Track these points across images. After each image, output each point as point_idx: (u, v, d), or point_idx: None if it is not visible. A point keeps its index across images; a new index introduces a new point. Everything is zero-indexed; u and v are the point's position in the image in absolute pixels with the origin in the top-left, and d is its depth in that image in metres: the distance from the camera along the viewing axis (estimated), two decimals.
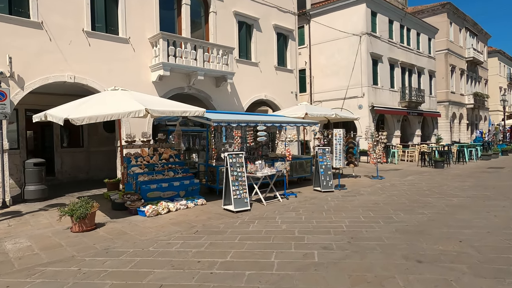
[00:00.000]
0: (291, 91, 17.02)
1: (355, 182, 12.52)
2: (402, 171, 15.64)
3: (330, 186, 10.48)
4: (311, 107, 12.39)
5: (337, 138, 10.79)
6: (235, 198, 7.89)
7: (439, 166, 16.69)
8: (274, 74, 16.17)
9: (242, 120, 8.92)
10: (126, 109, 7.12)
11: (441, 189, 10.32)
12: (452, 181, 11.96)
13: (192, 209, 8.41)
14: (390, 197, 9.24)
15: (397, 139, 24.20)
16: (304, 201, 9.07)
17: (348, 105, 22.40)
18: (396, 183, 12.00)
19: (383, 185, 11.48)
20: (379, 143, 13.34)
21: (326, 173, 10.54)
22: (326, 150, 10.71)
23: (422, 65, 27.17)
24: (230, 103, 14.18)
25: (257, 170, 8.79)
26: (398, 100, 24.45)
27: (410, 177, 13.59)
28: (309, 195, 9.94)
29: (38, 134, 14.94)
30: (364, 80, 21.62)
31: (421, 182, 11.89)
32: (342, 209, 7.92)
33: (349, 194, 9.93)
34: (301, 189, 11.01)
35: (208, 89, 13.36)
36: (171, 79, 12.10)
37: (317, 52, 23.80)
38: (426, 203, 8.29)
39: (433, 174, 14.22)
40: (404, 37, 25.40)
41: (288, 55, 17.06)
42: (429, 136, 29.22)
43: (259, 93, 15.46)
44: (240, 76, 14.53)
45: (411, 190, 10.27)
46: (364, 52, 21.58)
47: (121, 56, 11.09)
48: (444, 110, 31.42)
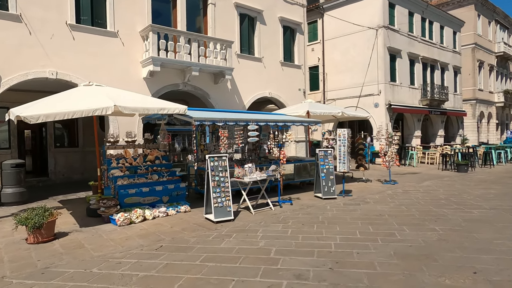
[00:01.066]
0: (299, 88, 15.95)
1: (364, 187, 11.34)
2: (420, 175, 14.25)
3: (332, 192, 9.39)
4: (314, 105, 11.31)
5: (341, 138, 9.67)
6: (216, 207, 6.98)
7: (462, 170, 15.15)
8: (279, 70, 15.16)
9: (230, 119, 8.01)
10: (91, 106, 6.37)
11: (461, 198, 9.01)
12: (474, 188, 10.57)
13: (172, 217, 7.57)
14: (399, 207, 8.05)
15: (417, 140, 22.58)
16: (299, 210, 8.05)
17: (363, 103, 21.04)
18: (409, 189, 10.73)
19: (394, 192, 10.26)
20: (392, 144, 12.07)
21: (328, 178, 9.45)
22: (328, 152, 9.62)
23: (446, 60, 25.32)
24: (230, 101, 13.30)
25: (245, 175, 7.84)
26: (419, 98, 22.81)
27: (427, 182, 12.24)
28: (307, 202, 8.90)
29: (36, 134, 14.62)
30: (380, 77, 20.21)
31: (439, 189, 10.57)
32: (339, 221, 6.85)
33: (353, 202, 8.81)
34: (302, 195, 9.98)
35: (205, 86, 12.53)
36: (164, 75, 11.36)
37: (331, 48, 22.55)
38: (439, 216, 7.08)
39: (454, 179, 12.78)
40: (426, 30, 23.69)
41: (295, 50, 15.99)
42: (453, 136, 27.28)
43: (262, 91, 14.50)
44: (241, 72, 13.63)
45: (425, 199, 9.02)
46: (381, 46, 20.16)
47: (109, 50, 10.43)
48: (471, 108, 29.30)
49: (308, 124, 9.81)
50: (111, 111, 6.51)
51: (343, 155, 9.69)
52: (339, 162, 9.77)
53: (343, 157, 9.68)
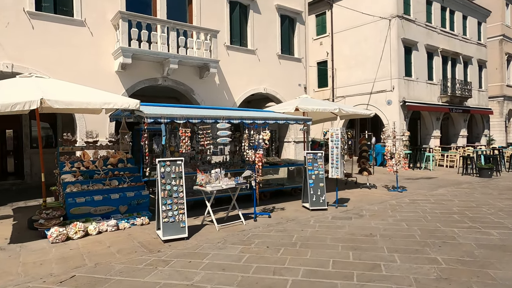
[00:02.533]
0: (299, 84, 14.50)
1: (365, 195, 9.81)
2: (435, 181, 12.51)
3: (321, 202, 7.95)
4: (307, 100, 9.89)
5: (333, 139, 8.22)
6: (166, 222, 5.73)
7: (485, 175, 13.27)
8: (276, 63, 13.78)
9: (193, 115, 6.74)
10: (10, 100, 5.26)
11: (478, 212, 7.37)
12: (498, 199, 8.85)
13: (122, 232, 6.39)
14: (398, 224, 6.54)
15: (436, 141, 20.62)
16: (276, 225, 6.68)
17: (375, 100, 19.33)
18: (418, 198, 9.13)
19: (398, 202, 8.70)
20: (400, 145, 10.47)
21: (317, 185, 8.02)
22: (317, 155, 8.19)
23: (469, 53, 23.13)
24: (218, 97, 12.05)
25: (209, 182, 6.56)
26: (438, 94, 20.83)
27: (441, 190, 10.55)
28: (290, 214, 7.51)
29: (18, 133, 13.87)
30: (394, 71, 18.44)
31: (453, 199, 8.91)
32: (315, 243, 5.45)
33: (344, 215, 7.35)
34: (289, 204, 8.59)
35: (189, 81, 11.33)
36: (139, 68, 10.24)
37: (341, 41, 20.93)
38: (446, 239, 5.54)
39: (474, 186, 11.02)
40: (447, 20, 21.65)
41: (295, 42, 14.56)
42: (478, 137, 24.99)
43: (256, 86, 13.16)
44: (231, 65, 12.36)
45: (434, 212, 7.44)
46: (394, 38, 18.39)
47: (75, 41, 9.40)
48: (498, 106, 26.85)
49: (295, 122, 8.42)
50: (36, 105, 5.38)
51: (335, 158, 8.22)
52: (331, 167, 8.32)
53: (336, 161, 8.21)
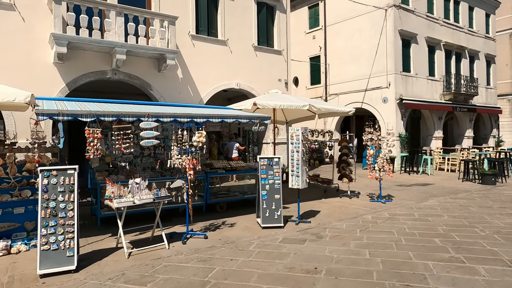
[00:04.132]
0: (279, 79, 13.06)
1: (341, 207, 8.34)
2: (430, 188, 10.95)
3: (276, 218, 6.52)
4: (272, 96, 8.48)
5: (293, 140, 6.78)
6: (46, 251, 4.41)
7: (488, 182, 11.64)
8: (252, 56, 12.37)
9: (106, 112, 5.39)
10: None
11: (469, 235, 5.85)
12: (497, 214, 7.29)
13: (8, 258, 5.09)
14: (359, 252, 5.08)
15: (438, 142, 18.92)
16: (205, 250, 5.29)
17: (370, 98, 17.76)
18: (401, 212, 7.62)
19: (375, 217, 7.21)
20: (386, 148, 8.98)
21: (272, 197, 6.60)
22: (274, 161, 6.76)
23: (475, 47, 21.32)
24: (182, 94, 10.70)
25: (123, 195, 5.20)
26: (440, 92, 19.12)
27: (433, 200, 9.01)
28: (234, 234, 6.11)
29: None
30: (390, 66, 16.84)
31: (443, 214, 7.37)
32: (233, 284, 4.04)
33: (299, 237, 5.92)
34: (242, 219, 7.20)
35: (145, 74, 10.01)
36: (83, 59, 8.96)
37: (334, 35, 19.39)
38: (413, 279, 4.07)
39: (473, 196, 9.44)
40: (450, 11, 19.91)
41: (275, 32, 13.12)
42: (485, 138, 23.15)
43: (228, 81, 11.77)
44: (197, 57, 11.01)
45: (413, 234, 5.95)
46: (391, 29, 16.78)
47: (3, 27, 8.16)
48: (508, 105, 24.96)
49: (249, 120, 7.01)
50: None
51: (296, 164, 6.78)
52: (291, 175, 6.88)
53: (297, 168, 6.77)
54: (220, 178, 8.61)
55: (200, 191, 7.68)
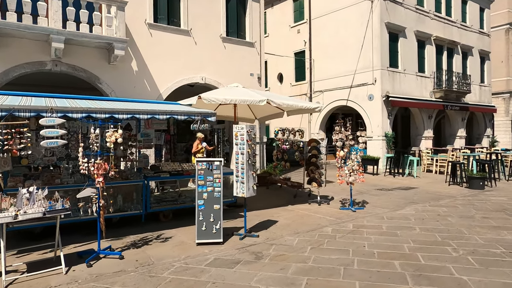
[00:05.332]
0: (251, 73, 12.05)
1: (303, 216, 7.35)
2: (411, 193, 9.95)
3: (215, 233, 5.52)
4: (227, 90, 7.46)
5: (238, 141, 5.78)
6: None
7: (476, 186, 10.64)
8: (220, 48, 11.34)
9: None
10: None
11: (439, 255, 4.86)
12: (478, 226, 6.29)
13: None
14: (292, 282, 4.07)
15: (428, 142, 17.92)
16: (109, 276, 4.29)
17: (356, 95, 16.75)
18: (368, 223, 6.62)
19: (336, 230, 6.21)
20: (355, 149, 7.97)
21: (211, 208, 5.59)
22: (213, 165, 5.74)
23: (469, 43, 20.31)
24: (138, 88, 9.68)
25: (3, 209, 4.19)
26: (431, 89, 18.12)
27: (410, 208, 8.00)
28: (158, 253, 5.10)
29: None
30: (376, 61, 15.83)
31: (416, 226, 6.37)
32: None
33: (234, 257, 4.91)
34: (183, 231, 6.21)
35: (92, 66, 8.99)
36: (16, 48, 7.94)
37: (319, 28, 18.39)
38: None
39: (456, 204, 8.43)
40: (442, 4, 18.89)
41: (247, 22, 12.10)
42: (479, 138, 22.16)
43: (192, 75, 10.75)
44: (156, 48, 10.00)
45: (371, 254, 4.95)
46: (377, 22, 15.77)
47: None
48: (503, 104, 23.98)
49: (188, 116, 5.99)
50: None
51: (241, 169, 5.77)
52: (235, 181, 5.87)
53: (242, 173, 5.76)
54: (178, 183, 7.63)
55: (139, 198, 6.68)
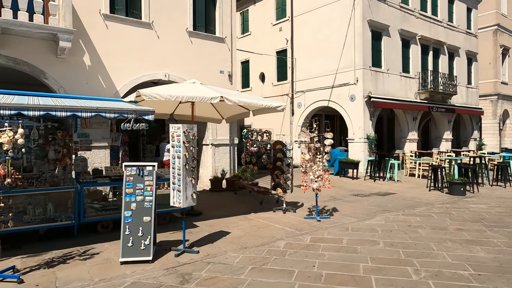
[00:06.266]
0: (221, 70, 11.30)
1: (261, 226, 6.61)
2: (386, 200, 9.27)
3: (143, 249, 4.74)
4: (172, 87, 6.70)
5: (174, 143, 5.02)
6: None
7: (456, 192, 10.00)
8: (186, 42, 10.58)
9: None
10: None
11: (398, 277, 4.14)
12: (449, 240, 5.60)
13: None
14: None
15: (412, 145, 17.32)
16: None
17: (338, 95, 16.09)
18: (329, 236, 5.90)
19: (291, 244, 5.47)
20: (320, 152, 7.26)
21: (139, 220, 4.82)
22: (145, 170, 4.97)
23: (456, 43, 19.80)
24: (91, 84, 8.87)
25: None
26: (416, 90, 17.53)
27: (380, 217, 7.30)
28: (70, 274, 4.32)
29: None
30: (358, 60, 15.19)
31: (380, 240, 5.65)
32: None
33: (154, 282, 4.14)
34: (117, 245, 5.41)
35: (37, 60, 8.16)
36: None
37: (301, 26, 17.72)
38: None
39: (431, 212, 7.75)
40: (428, 3, 18.34)
41: (217, 16, 11.35)
42: (466, 141, 21.66)
43: (154, 71, 9.96)
44: (113, 42, 9.21)
45: (319, 276, 4.21)
46: (359, 20, 15.13)
47: None
48: (491, 106, 23.52)
49: (119, 114, 5.22)
50: None
51: (177, 174, 5.01)
52: (172, 189, 5.11)
53: (178, 180, 4.99)
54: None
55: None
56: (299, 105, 17.87)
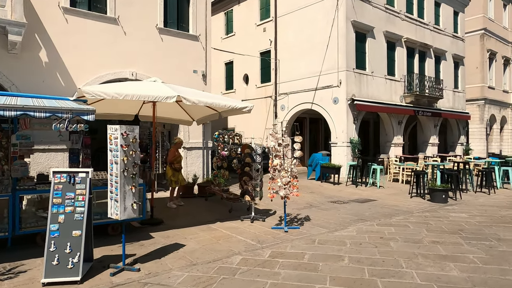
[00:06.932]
0: (194, 70, 10.75)
1: (222, 237, 6.05)
2: (364, 207, 8.78)
3: (71, 268, 4.14)
4: (109, 86, 6.12)
5: (112, 146, 4.46)
6: None
7: (438, 200, 9.55)
8: (156, 40, 10.03)
9: None
10: None
11: None
12: (422, 255, 5.09)
13: None
14: None
15: (398, 149, 16.94)
16: None
17: (321, 98, 15.67)
18: (292, 250, 5.36)
19: (247, 259, 4.92)
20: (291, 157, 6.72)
21: (67, 234, 4.22)
22: (77, 178, 4.38)
23: (442, 46, 19.55)
24: (48, 82, 8.25)
25: None
26: (401, 93, 17.19)
27: (353, 227, 6.79)
28: None
29: None
30: (341, 62, 14.78)
31: (346, 255, 5.13)
32: None
33: None
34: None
35: None
36: None
37: (285, 27, 17.29)
38: None
39: (407, 222, 7.26)
40: (414, 5, 18.06)
41: (190, 13, 10.82)
42: (452, 145, 21.40)
43: (120, 69, 9.38)
44: (74, 37, 8.61)
45: None
46: (343, 21, 14.74)
47: None
48: (478, 111, 23.33)
49: (52, 114, 4.61)
50: None
51: (114, 182, 4.43)
52: (110, 198, 4.53)
53: (116, 188, 4.42)
54: None
55: None
56: (283, 107, 17.38)
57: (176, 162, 8.42)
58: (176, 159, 8.44)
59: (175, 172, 8.36)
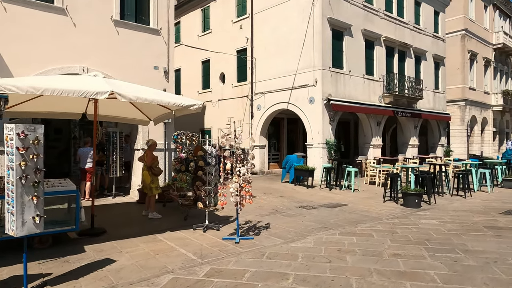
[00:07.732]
0: (155, 66, 10.03)
1: (164, 249, 5.37)
2: (332, 214, 8.20)
3: None
4: (24, 79, 5.40)
5: (8, 149, 3.75)
6: None
7: (410, 204, 9.05)
8: (111, 33, 9.28)
9: None
10: None
11: None
12: (377, 271, 4.52)
13: None
14: None
15: (376, 151, 16.49)
16: None
17: (297, 97, 15.12)
18: (233, 268, 4.72)
19: (179, 278, 4.26)
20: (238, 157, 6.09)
21: None
22: None
23: (422, 46, 19.23)
24: None
25: None
26: (380, 93, 16.77)
27: (312, 237, 6.19)
28: None
29: None
30: (317, 61, 14.24)
31: (292, 273, 4.51)
32: None
33: None
34: None
35: None
36: None
37: (261, 24, 16.69)
38: None
39: (372, 231, 6.70)
40: (393, 3, 17.68)
41: (150, 4, 10.10)
42: (433, 147, 21.11)
43: (68, 64, 8.61)
44: (15, 28, 7.82)
45: None
46: (318, 18, 14.21)
47: None
48: (459, 112, 23.15)
49: None
50: None
51: (11, 192, 3.72)
52: (7, 211, 3.81)
53: (12, 199, 3.71)
54: None
55: None
56: (259, 107, 16.78)
57: (155, 166, 7.71)
58: (154, 162, 7.74)
59: (154, 178, 7.65)
